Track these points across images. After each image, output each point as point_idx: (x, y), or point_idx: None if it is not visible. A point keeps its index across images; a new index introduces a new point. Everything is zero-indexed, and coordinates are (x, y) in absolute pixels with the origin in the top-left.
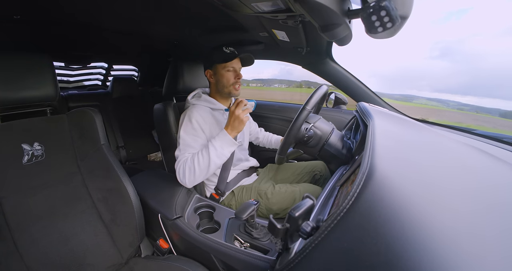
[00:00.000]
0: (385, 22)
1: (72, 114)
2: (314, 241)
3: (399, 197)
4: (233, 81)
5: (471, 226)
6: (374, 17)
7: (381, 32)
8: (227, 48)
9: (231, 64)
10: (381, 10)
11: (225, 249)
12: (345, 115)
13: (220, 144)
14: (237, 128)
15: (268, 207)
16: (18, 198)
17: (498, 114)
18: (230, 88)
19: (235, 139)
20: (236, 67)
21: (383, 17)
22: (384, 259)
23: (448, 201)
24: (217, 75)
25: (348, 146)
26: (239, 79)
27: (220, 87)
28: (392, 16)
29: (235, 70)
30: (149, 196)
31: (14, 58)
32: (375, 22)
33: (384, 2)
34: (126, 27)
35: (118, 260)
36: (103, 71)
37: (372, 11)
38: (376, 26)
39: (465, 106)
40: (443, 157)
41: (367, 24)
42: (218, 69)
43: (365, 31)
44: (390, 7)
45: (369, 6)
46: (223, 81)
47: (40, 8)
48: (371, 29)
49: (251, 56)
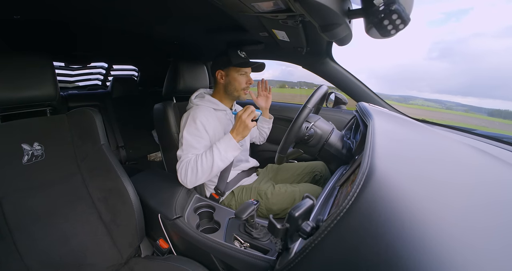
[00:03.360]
0: (397, 24)
1: (72, 114)
2: (314, 241)
3: (399, 197)
4: (245, 86)
5: (471, 226)
6: (386, 22)
7: (394, 34)
8: (241, 52)
9: (245, 69)
10: (392, 14)
11: (225, 249)
12: (345, 115)
13: (225, 148)
14: (242, 133)
15: (268, 207)
16: (18, 198)
17: (486, 113)
18: (240, 92)
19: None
20: (248, 72)
21: (395, 20)
22: (384, 259)
23: (448, 200)
24: (229, 77)
25: (348, 146)
26: (250, 84)
27: (230, 89)
28: (404, 18)
29: (247, 75)
30: (149, 196)
31: (14, 58)
32: (387, 26)
33: (394, 6)
34: (126, 27)
35: (118, 260)
36: (103, 71)
37: (384, 16)
38: (390, 30)
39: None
40: (443, 157)
41: (379, 29)
42: (231, 71)
43: (365, 31)
44: (400, 9)
45: (378, 11)
46: (235, 84)
47: (40, 8)
48: (385, 33)
49: (264, 64)
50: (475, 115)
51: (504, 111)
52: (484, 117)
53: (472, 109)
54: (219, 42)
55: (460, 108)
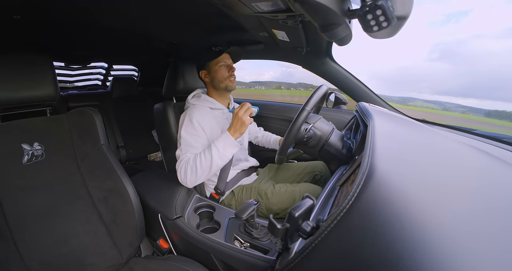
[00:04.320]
0: (380, 22)
1: (72, 114)
2: (314, 241)
3: (399, 197)
4: (228, 75)
5: (471, 226)
6: (369, 16)
7: (376, 32)
8: (215, 48)
9: (222, 60)
10: (376, 9)
11: (225, 249)
12: (345, 115)
13: (223, 145)
14: (240, 130)
15: (268, 207)
16: (18, 198)
17: (483, 114)
18: (226, 82)
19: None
20: (228, 62)
21: (378, 16)
22: (384, 259)
23: (448, 200)
24: (212, 72)
25: (348, 146)
26: (233, 72)
27: (216, 83)
28: (388, 16)
29: (227, 65)
30: (149, 196)
31: (14, 58)
32: (370, 20)
33: (380, 1)
34: (126, 27)
35: (118, 260)
36: (103, 71)
37: (368, 10)
38: (372, 25)
39: (463, 108)
40: (443, 157)
41: (363, 23)
42: (211, 67)
43: (362, 29)
44: (386, 6)
45: (365, 5)
46: (218, 76)
47: (40, 8)
48: (367, 28)
49: (239, 49)
50: (472, 117)
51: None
52: (481, 119)
53: (472, 110)
54: (219, 42)
55: (459, 109)
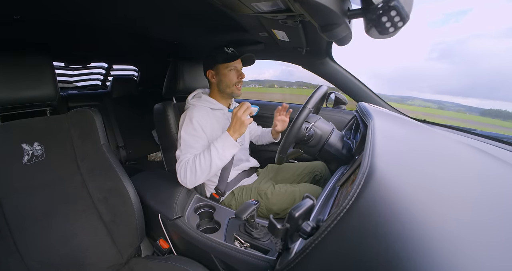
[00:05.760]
0: (396, 22)
1: (72, 114)
2: (314, 241)
3: (399, 197)
4: (236, 81)
5: (471, 226)
6: (384, 18)
7: (392, 32)
8: (228, 48)
9: (233, 64)
10: (391, 10)
11: (225, 249)
12: (345, 115)
13: (222, 146)
14: (239, 130)
15: (268, 207)
16: (18, 198)
17: (479, 113)
18: (233, 88)
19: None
20: (238, 66)
21: (393, 17)
22: (384, 259)
23: (448, 201)
24: (220, 75)
25: (348, 146)
26: (242, 79)
27: (222, 87)
28: (403, 15)
29: (237, 70)
30: (149, 196)
31: (14, 58)
32: (386, 23)
33: (393, 2)
34: (126, 27)
35: (118, 260)
36: (103, 71)
37: (382, 13)
38: (388, 27)
39: (463, 107)
40: (443, 157)
41: (378, 26)
42: (220, 69)
43: (365, 31)
44: (399, 6)
45: (377, 8)
46: (226, 81)
47: (40, 8)
48: (383, 31)
49: (253, 56)
50: (467, 116)
51: (497, 111)
52: (475, 118)
53: (470, 109)
54: (219, 42)
55: (455, 108)
